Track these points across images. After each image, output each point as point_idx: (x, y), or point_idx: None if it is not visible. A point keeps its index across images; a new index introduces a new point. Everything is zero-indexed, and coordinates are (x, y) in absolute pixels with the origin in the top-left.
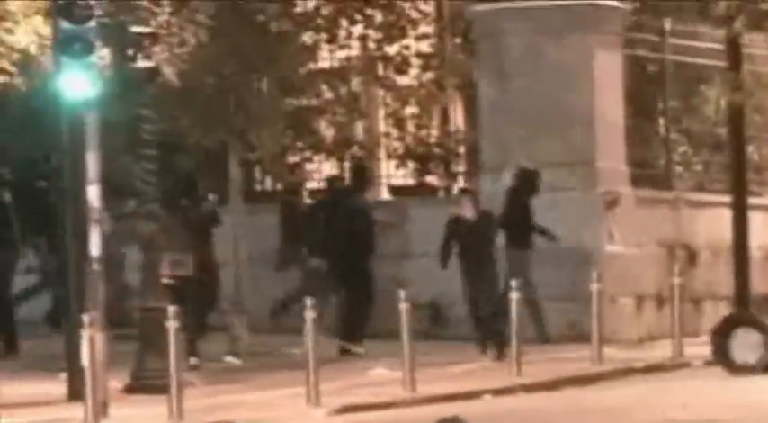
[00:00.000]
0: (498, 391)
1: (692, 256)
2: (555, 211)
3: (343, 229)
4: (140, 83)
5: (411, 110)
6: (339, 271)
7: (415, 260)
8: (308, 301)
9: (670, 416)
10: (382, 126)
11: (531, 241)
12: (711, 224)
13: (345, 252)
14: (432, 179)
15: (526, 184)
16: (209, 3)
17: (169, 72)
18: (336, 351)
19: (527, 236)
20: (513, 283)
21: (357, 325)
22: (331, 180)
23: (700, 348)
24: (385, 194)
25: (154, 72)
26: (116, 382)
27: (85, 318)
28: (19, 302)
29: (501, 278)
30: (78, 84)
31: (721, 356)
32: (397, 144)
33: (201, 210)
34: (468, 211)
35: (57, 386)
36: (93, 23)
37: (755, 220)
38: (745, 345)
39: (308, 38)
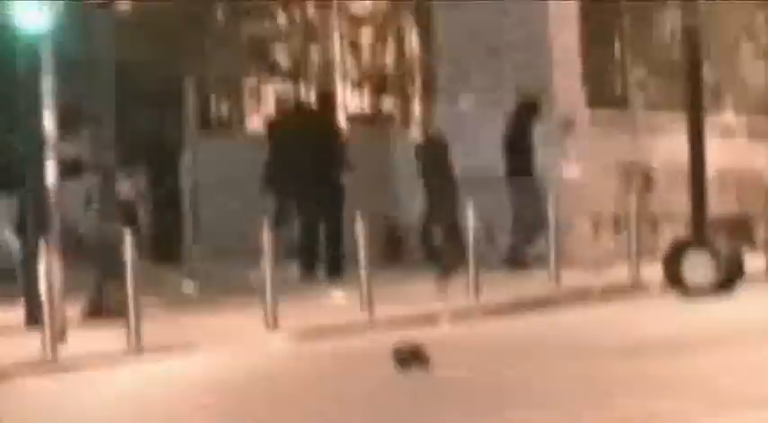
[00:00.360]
0: (456, 314)
1: (648, 179)
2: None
3: (317, 152)
4: (95, 13)
5: (366, 35)
6: (312, 196)
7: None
8: (266, 225)
9: (626, 339)
10: (338, 52)
11: (533, 167)
12: (668, 146)
13: (320, 175)
14: (387, 104)
15: (528, 108)
16: None
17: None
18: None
19: (529, 162)
20: (469, 205)
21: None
22: (299, 104)
23: (656, 270)
24: (342, 122)
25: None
26: (75, 310)
27: (42, 246)
28: None
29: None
30: (33, 15)
31: (674, 279)
32: (353, 72)
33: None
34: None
35: (14, 313)
36: None
37: (712, 141)
38: (696, 267)
39: None
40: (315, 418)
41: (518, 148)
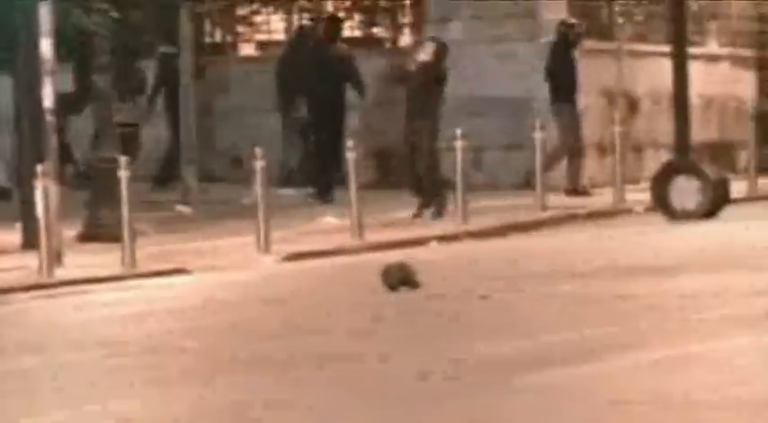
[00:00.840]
0: (444, 238)
1: (633, 105)
2: (502, 61)
3: (330, 77)
4: None
5: None
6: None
7: (362, 110)
8: (257, 151)
9: (610, 260)
10: None
11: (575, 95)
12: (652, 73)
13: (335, 100)
14: (378, 31)
15: (569, 36)
16: None
17: None
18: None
19: (572, 89)
20: (457, 131)
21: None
22: (303, 28)
23: (641, 195)
24: None
25: None
26: (70, 232)
27: (39, 168)
28: None
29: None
30: None
31: (661, 203)
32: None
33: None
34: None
35: (12, 236)
36: None
37: (695, 69)
38: (683, 191)
39: None
40: (289, 331)
41: (560, 77)
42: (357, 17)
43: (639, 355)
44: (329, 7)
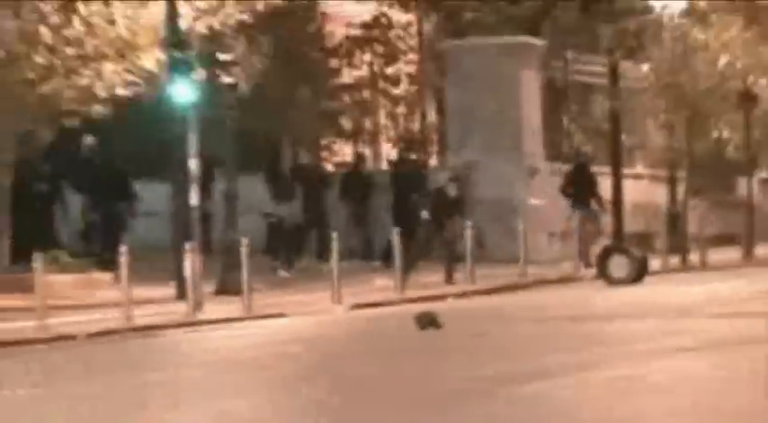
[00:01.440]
0: (458, 295)
1: None
2: (498, 178)
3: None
4: (224, 92)
5: (401, 110)
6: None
7: None
8: (334, 234)
9: (569, 310)
10: (382, 120)
11: (589, 201)
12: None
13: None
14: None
15: (585, 164)
16: (269, 39)
17: (243, 85)
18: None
19: (589, 198)
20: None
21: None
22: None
23: (591, 268)
24: (384, 166)
25: (233, 85)
26: (208, 288)
27: (187, 245)
28: None
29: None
30: (184, 92)
31: (603, 273)
32: (391, 133)
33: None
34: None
35: (168, 290)
36: (193, 53)
37: (627, 183)
38: (618, 265)
39: (334, 63)
40: (355, 356)
41: (581, 188)
42: (400, 146)
43: (589, 374)
44: (382, 139)
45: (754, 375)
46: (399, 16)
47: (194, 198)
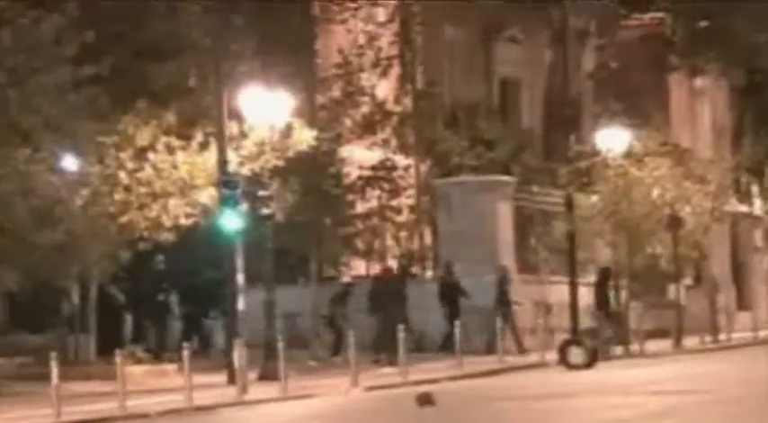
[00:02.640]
0: (450, 378)
1: (548, 309)
2: (479, 286)
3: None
4: (264, 220)
5: (403, 234)
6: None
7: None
8: (350, 335)
9: (536, 389)
10: (388, 242)
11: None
12: (559, 292)
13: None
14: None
15: (606, 275)
16: (298, 179)
17: (279, 215)
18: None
19: (607, 302)
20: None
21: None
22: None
23: (553, 356)
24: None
25: (270, 215)
26: (253, 375)
27: (237, 340)
28: None
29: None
30: (232, 221)
31: (563, 360)
32: (396, 252)
33: None
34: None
35: (221, 378)
36: (239, 190)
37: (581, 290)
38: (575, 354)
39: (350, 197)
40: None
41: (600, 296)
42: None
43: None
44: (388, 257)
45: None
46: (401, 160)
47: (241, 304)
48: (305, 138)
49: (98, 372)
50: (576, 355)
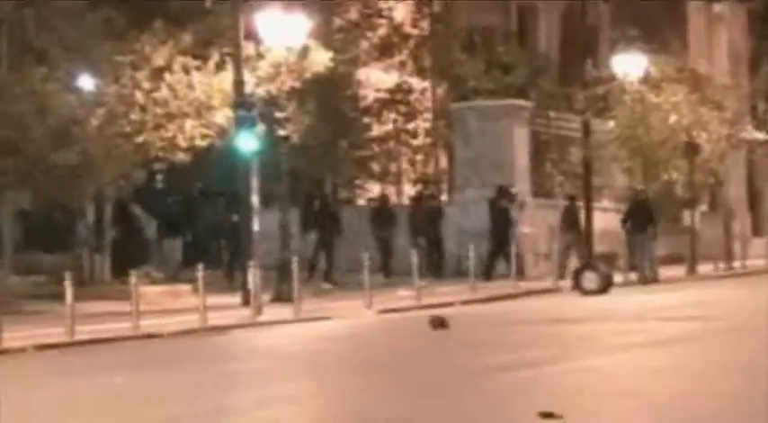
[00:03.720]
0: (464, 302)
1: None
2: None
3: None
4: (279, 142)
5: (419, 157)
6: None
7: None
8: (366, 254)
9: (550, 314)
10: (404, 165)
11: (647, 229)
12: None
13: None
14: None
15: (644, 202)
16: (314, 101)
17: (294, 137)
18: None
19: (649, 224)
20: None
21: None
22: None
23: (567, 282)
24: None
25: (286, 137)
26: (266, 297)
27: (251, 262)
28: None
29: None
30: (248, 142)
31: (577, 286)
32: (412, 175)
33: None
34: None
35: (235, 299)
36: (255, 111)
37: (596, 214)
38: (589, 279)
39: (367, 120)
40: (383, 349)
41: (641, 220)
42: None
43: (563, 365)
44: (404, 181)
45: (688, 365)
46: (417, 84)
47: (256, 225)
48: (321, 60)
49: (112, 292)
50: (589, 280)
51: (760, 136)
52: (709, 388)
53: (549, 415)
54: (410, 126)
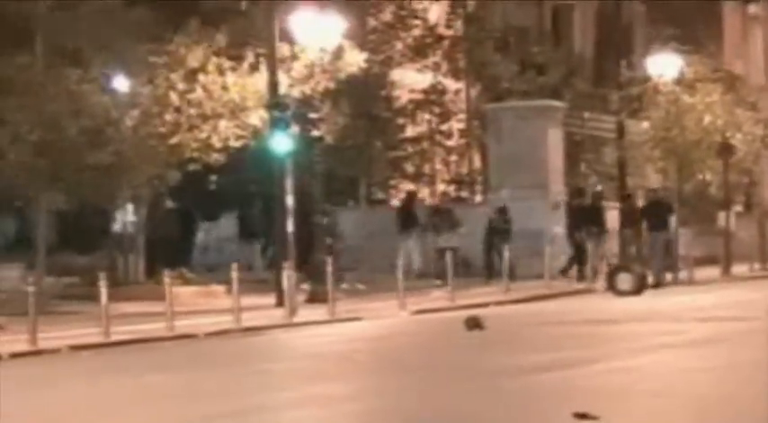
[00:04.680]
0: (498, 303)
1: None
2: (529, 211)
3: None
4: (313, 143)
5: (453, 158)
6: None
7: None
8: (400, 256)
9: (585, 314)
10: (438, 166)
11: (660, 227)
12: (609, 216)
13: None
14: (464, 194)
15: (663, 202)
16: (348, 102)
17: (329, 138)
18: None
19: (667, 222)
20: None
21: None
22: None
23: (601, 282)
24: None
25: (320, 138)
26: (301, 298)
27: (285, 264)
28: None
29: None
30: (283, 143)
31: (611, 287)
32: (446, 176)
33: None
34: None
35: (269, 300)
36: (289, 112)
37: None
38: (623, 281)
39: (401, 120)
40: (417, 349)
41: (660, 218)
42: (453, 186)
43: (598, 365)
44: (438, 181)
45: (724, 365)
46: (451, 84)
47: (290, 226)
48: (356, 60)
49: (146, 292)
50: (623, 281)
51: None
52: (746, 388)
53: (583, 416)
54: (444, 127)
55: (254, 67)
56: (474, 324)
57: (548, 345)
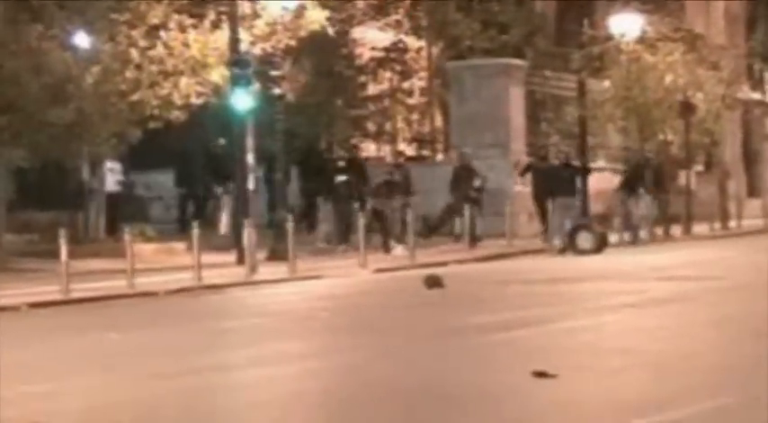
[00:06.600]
0: (459, 261)
1: None
2: (490, 170)
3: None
4: (275, 100)
5: (414, 116)
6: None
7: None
8: (362, 216)
9: (544, 273)
10: (399, 124)
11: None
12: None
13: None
14: (425, 152)
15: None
16: (310, 59)
17: (290, 96)
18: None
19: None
20: (467, 205)
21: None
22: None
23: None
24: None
25: (282, 96)
26: (261, 255)
27: (246, 221)
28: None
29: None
30: (244, 100)
31: (571, 245)
32: (407, 134)
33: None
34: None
35: (230, 257)
36: (250, 70)
37: (593, 175)
38: (584, 239)
39: (362, 78)
40: (378, 307)
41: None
42: (414, 144)
43: (557, 324)
44: (399, 140)
45: (685, 323)
46: (413, 42)
47: (251, 184)
48: (317, 18)
49: (107, 250)
50: (584, 240)
51: (756, 96)
52: (708, 344)
53: (542, 374)
54: (405, 85)
55: (215, 25)
56: (433, 282)
57: (507, 303)
